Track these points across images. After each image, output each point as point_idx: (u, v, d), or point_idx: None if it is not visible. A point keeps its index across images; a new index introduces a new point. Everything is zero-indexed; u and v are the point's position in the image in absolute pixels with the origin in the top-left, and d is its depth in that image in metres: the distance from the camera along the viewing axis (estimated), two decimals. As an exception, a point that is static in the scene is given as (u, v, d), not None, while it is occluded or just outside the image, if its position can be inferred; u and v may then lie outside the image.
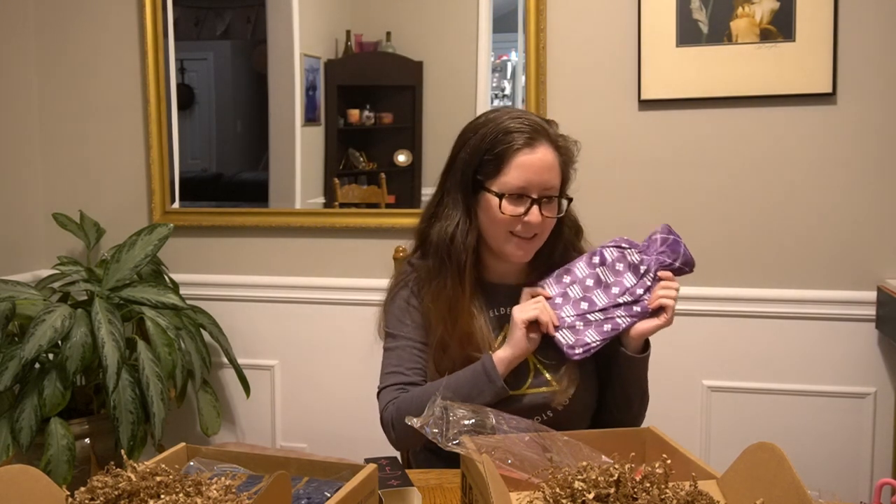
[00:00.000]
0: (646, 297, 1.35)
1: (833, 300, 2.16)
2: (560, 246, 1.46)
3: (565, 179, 1.41)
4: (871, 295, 2.13)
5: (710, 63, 2.17)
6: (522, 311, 1.35)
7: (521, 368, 1.39)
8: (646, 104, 2.23)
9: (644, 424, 1.40)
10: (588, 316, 1.35)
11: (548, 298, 1.39)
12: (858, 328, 2.16)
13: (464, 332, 1.40)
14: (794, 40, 2.11)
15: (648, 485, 0.89)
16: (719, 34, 2.15)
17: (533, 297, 1.40)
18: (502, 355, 1.35)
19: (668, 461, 0.93)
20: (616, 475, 0.89)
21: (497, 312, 1.45)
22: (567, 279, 1.39)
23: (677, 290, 1.36)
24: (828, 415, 2.19)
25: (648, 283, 1.36)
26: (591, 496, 0.87)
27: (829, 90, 2.11)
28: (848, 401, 2.18)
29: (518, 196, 1.36)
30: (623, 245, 1.39)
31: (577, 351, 1.34)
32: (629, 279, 1.36)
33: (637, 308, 1.35)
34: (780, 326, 2.20)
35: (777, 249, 2.20)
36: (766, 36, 2.13)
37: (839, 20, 2.09)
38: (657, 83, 2.21)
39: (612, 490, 0.88)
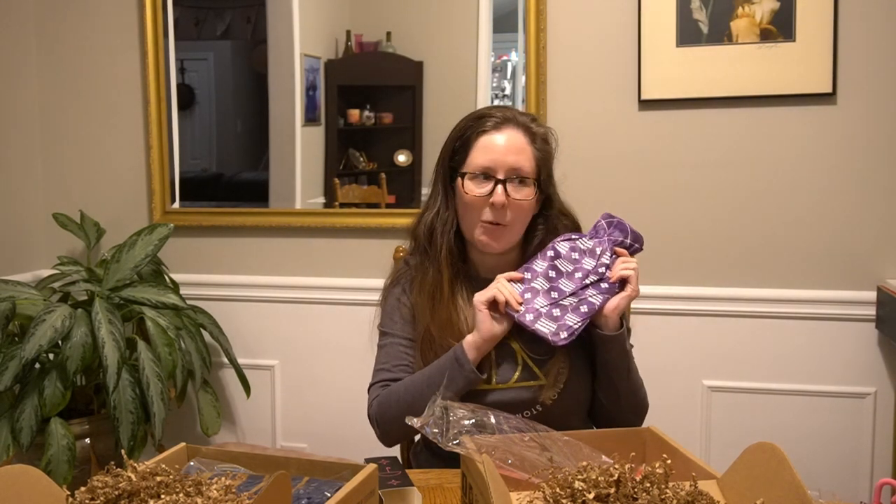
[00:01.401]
0: (609, 273, 1.37)
1: (833, 300, 2.16)
2: (550, 240, 1.44)
3: (541, 166, 1.41)
4: (871, 295, 2.13)
5: (710, 63, 2.17)
6: (480, 294, 1.35)
7: (510, 362, 1.40)
8: (646, 104, 2.23)
9: (644, 424, 1.40)
10: (562, 302, 1.36)
11: (518, 281, 1.38)
12: (858, 328, 2.16)
13: (444, 319, 1.41)
14: (794, 40, 2.11)
15: (648, 485, 0.89)
16: (719, 34, 2.15)
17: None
18: (471, 339, 1.35)
19: (668, 461, 0.93)
20: (616, 475, 0.89)
21: None
22: (528, 275, 1.39)
23: (636, 264, 1.37)
24: (828, 415, 2.19)
25: (607, 262, 1.37)
26: (591, 496, 0.87)
27: (829, 90, 2.11)
28: (848, 401, 2.18)
29: (484, 176, 1.37)
30: (573, 236, 1.40)
31: (561, 336, 1.34)
32: (588, 262, 1.38)
33: (605, 285, 1.36)
34: (780, 326, 2.20)
35: (777, 249, 2.20)
36: (766, 36, 2.13)
37: (839, 20, 2.09)
38: (657, 83, 2.21)
39: (612, 490, 0.88)
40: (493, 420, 1.13)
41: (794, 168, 2.17)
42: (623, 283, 1.36)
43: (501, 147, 1.37)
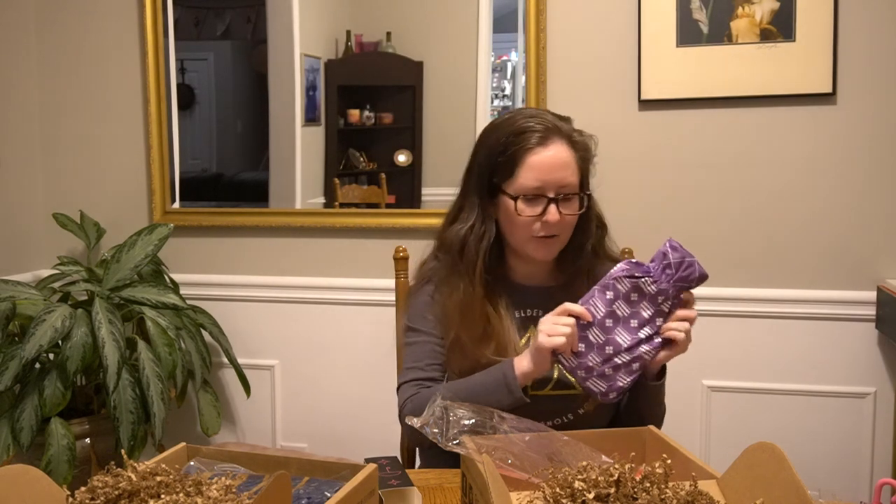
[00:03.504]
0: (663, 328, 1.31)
1: (833, 300, 2.16)
2: (588, 244, 1.44)
3: (584, 175, 1.39)
4: (871, 295, 2.13)
5: (710, 63, 2.17)
6: (551, 337, 1.26)
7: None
8: (646, 104, 2.23)
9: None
10: (615, 359, 1.30)
11: (588, 323, 1.29)
12: (858, 328, 2.16)
13: (477, 334, 1.38)
14: (794, 40, 2.11)
15: (648, 485, 0.89)
16: (719, 34, 2.15)
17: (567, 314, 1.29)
18: (525, 370, 1.30)
19: (668, 461, 0.93)
20: (616, 475, 0.89)
21: (523, 314, 1.43)
22: (583, 322, 1.29)
23: (694, 317, 1.32)
24: (828, 415, 2.19)
25: (666, 310, 1.31)
26: (591, 496, 0.87)
27: (829, 90, 2.11)
28: (848, 401, 2.18)
29: (534, 197, 1.34)
30: (636, 274, 1.30)
31: (611, 396, 1.30)
32: (647, 310, 1.30)
33: (658, 340, 1.31)
34: (780, 326, 2.20)
35: (777, 249, 2.20)
36: (766, 36, 2.13)
37: (839, 20, 2.09)
38: (657, 83, 2.21)
39: (612, 490, 0.88)
40: (493, 420, 1.13)
41: (794, 168, 2.17)
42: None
43: (549, 165, 1.34)
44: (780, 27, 2.12)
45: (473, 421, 1.11)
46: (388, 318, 1.80)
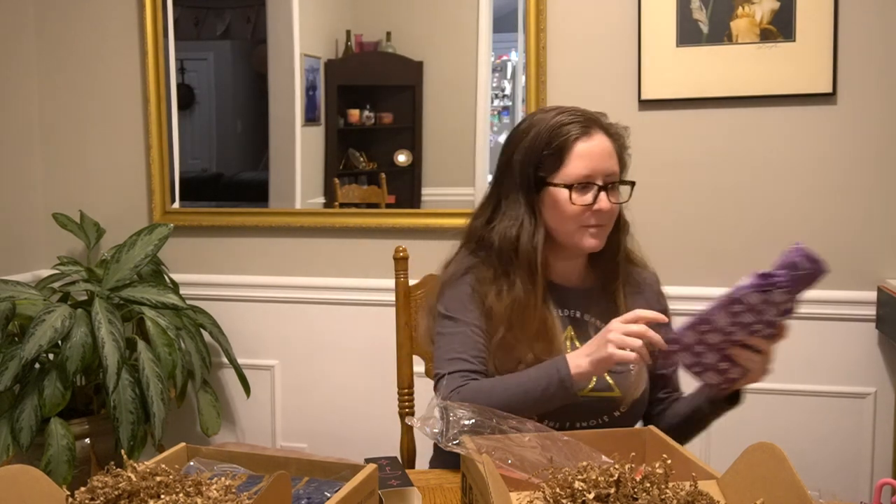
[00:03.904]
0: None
1: (833, 300, 2.16)
2: (624, 240, 1.44)
3: (623, 166, 1.41)
4: (871, 295, 2.13)
5: (710, 63, 2.17)
6: (622, 350, 1.22)
7: None
8: (646, 104, 2.23)
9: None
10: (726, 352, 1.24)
11: (708, 327, 1.23)
12: (858, 328, 2.16)
13: (533, 331, 1.36)
14: (794, 40, 2.11)
15: (648, 485, 0.89)
16: (719, 34, 2.15)
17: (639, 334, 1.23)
18: (583, 370, 1.26)
19: (668, 461, 0.93)
20: (616, 475, 0.89)
21: (562, 313, 1.41)
22: (705, 327, 1.23)
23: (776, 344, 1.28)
24: (828, 415, 2.19)
25: (787, 309, 1.25)
26: (591, 496, 0.87)
27: (829, 90, 2.11)
28: (848, 401, 2.18)
29: (584, 185, 1.35)
30: (766, 288, 1.23)
31: (722, 385, 1.27)
32: (770, 313, 1.25)
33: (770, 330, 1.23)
34: (780, 326, 2.20)
35: (777, 249, 2.19)
36: (766, 36, 2.13)
37: (839, 20, 2.09)
38: (657, 83, 2.20)
39: (612, 490, 0.88)
40: (493, 420, 1.13)
41: (794, 168, 2.17)
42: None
43: (596, 153, 1.36)
44: (780, 27, 2.12)
45: (473, 421, 1.11)
46: (389, 318, 1.80)
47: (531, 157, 1.38)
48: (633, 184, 1.40)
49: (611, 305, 1.42)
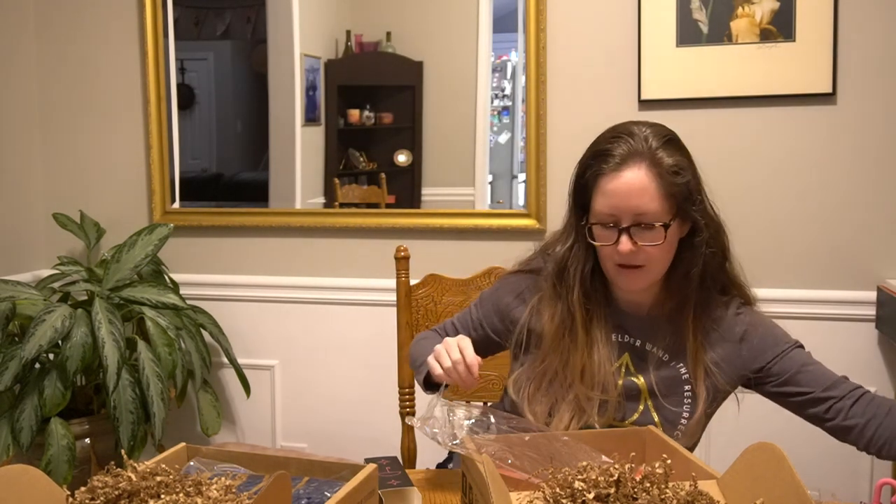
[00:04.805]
0: None
1: (833, 300, 2.16)
2: (693, 272, 1.30)
3: (673, 200, 1.25)
4: (871, 295, 2.13)
5: (710, 63, 2.17)
6: (434, 363, 1.24)
7: (634, 401, 1.33)
8: (646, 104, 2.23)
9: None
10: None
11: None
12: (858, 328, 2.16)
13: (578, 368, 1.30)
14: (794, 40, 2.11)
15: (648, 485, 0.89)
16: (719, 34, 2.15)
17: None
18: (429, 363, 1.27)
19: (668, 461, 0.93)
20: (616, 475, 0.89)
21: (620, 338, 1.35)
22: None
23: None
24: (828, 415, 2.18)
25: None
26: (591, 496, 0.87)
27: (829, 90, 2.11)
28: (848, 401, 2.17)
29: (609, 224, 1.25)
30: None
31: None
32: None
33: None
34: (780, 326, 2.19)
35: (777, 249, 2.20)
36: (766, 36, 2.13)
37: (839, 20, 2.09)
38: (657, 83, 2.20)
39: (612, 490, 0.88)
40: (493, 420, 1.13)
41: (794, 168, 2.17)
42: None
43: (622, 192, 1.23)
44: (780, 27, 2.12)
45: (473, 421, 1.11)
46: (388, 318, 1.80)
47: (576, 183, 1.32)
48: (666, 226, 1.24)
49: (678, 338, 1.33)
